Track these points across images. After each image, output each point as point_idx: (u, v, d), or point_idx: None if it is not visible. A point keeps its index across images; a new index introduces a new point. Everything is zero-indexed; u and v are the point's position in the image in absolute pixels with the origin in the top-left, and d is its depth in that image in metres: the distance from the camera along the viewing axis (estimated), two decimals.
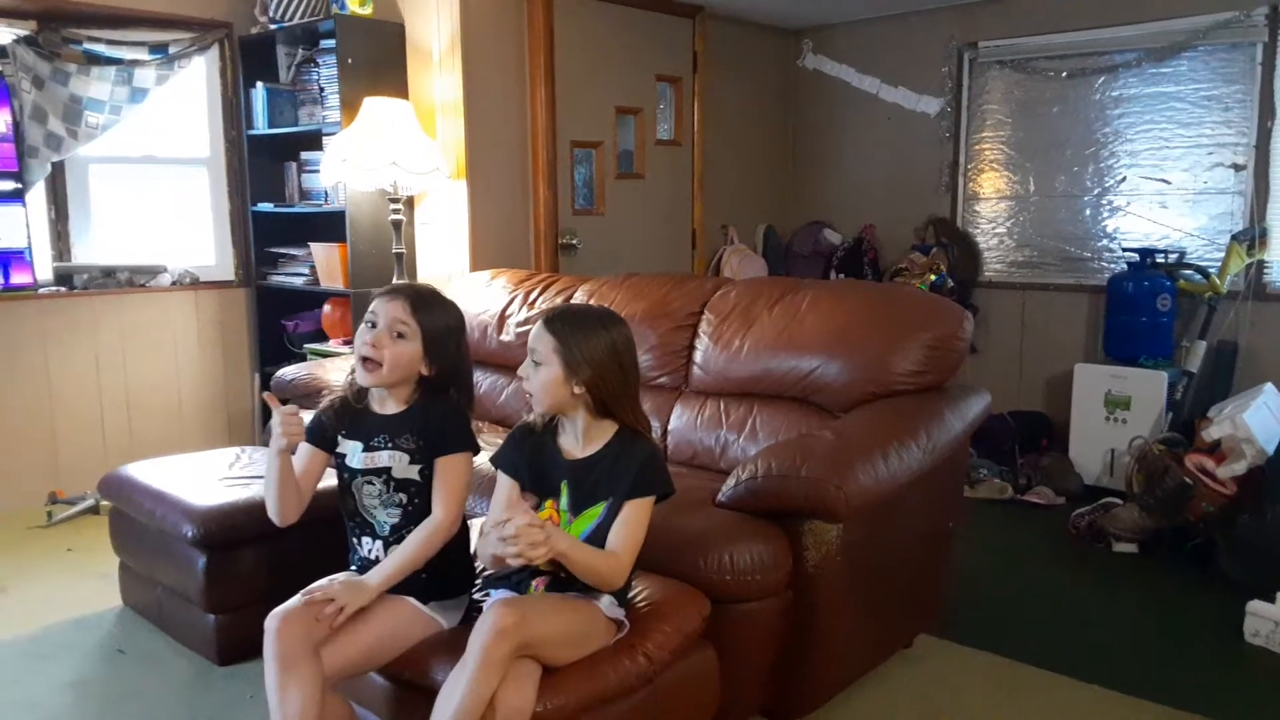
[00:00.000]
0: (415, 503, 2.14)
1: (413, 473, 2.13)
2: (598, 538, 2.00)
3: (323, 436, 2.22)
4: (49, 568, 3.61)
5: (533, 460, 2.09)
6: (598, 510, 2.02)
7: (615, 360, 2.02)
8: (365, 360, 2.11)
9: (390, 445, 2.14)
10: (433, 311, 2.15)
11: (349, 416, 2.20)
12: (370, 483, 2.15)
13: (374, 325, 2.11)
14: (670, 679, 2.07)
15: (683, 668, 2.11)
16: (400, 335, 2.10)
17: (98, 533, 3.61)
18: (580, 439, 2.06)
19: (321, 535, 2.43)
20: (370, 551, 2.18)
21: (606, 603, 2.00)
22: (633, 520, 1.99)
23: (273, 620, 1.96)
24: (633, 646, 1.99)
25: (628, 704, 1.97)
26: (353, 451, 2.17)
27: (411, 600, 2.11)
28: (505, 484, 2.10)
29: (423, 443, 2.13)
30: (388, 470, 2.14)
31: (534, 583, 2.04)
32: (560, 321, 2.04)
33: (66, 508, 4.14)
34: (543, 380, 2.01)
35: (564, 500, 2.04)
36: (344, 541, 2.29)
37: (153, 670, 2.83)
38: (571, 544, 1.92)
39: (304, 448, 2.21)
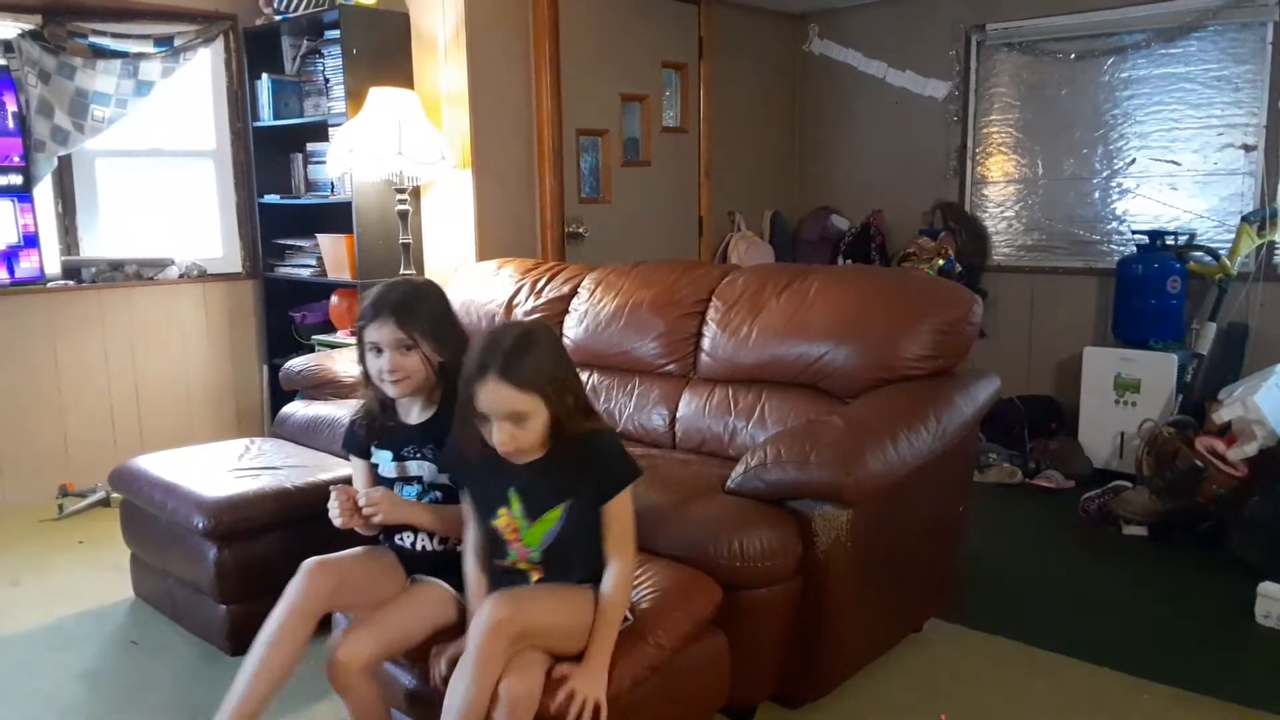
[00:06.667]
0: (449, 503, 2.18)
1: (444, 478, 2.18)
2: (561, 541, 1.93)
3: (363, 447, 2.26)
4: (61, 560, 3.63)
5: (476, 468, 1.97)
6: (556, 513, 1.93)
7: (567, 371, 1.94)
8: (392, 382, 2.16)
9: (418, 455, 2.19)
10: (416, 312, 2.15)
11: (379, 427, 2.24)
12: (404, 489, 2.21)
13: (380, 350, 2.14)
14: (681, 666, 2.07)
15: (693, 654, 2.11)
16: (407, 349, 2.14)
17: (109, 525, 3.62)
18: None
19: (332, 526, 2.43)
20: (408, 541, 2.22)
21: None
22: (621, 519, 1.94)
23: (310, 564, 2.06)
24: (643, 634, 1.99)
25: (638, 691, 1.96)
26: (384, 461, 2.22)
27: (443, 584, 2.15)
28: (467, 499, 2.04)
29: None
30: (419, 477, 2.19)
31: (532, 580, 2.00)
32: (525, 365, 1.84)
33: (77, 500, 4.16)
34: (538, 432, 1.88)
35: (516, 509, 1.94)
36: (353, 532, 2.30)
37: (165, 661, 2.84)
38: (607, 639, 1.89)
39: (356, 462, 2.28)
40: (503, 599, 1.84)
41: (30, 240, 4.20)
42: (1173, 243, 4.53)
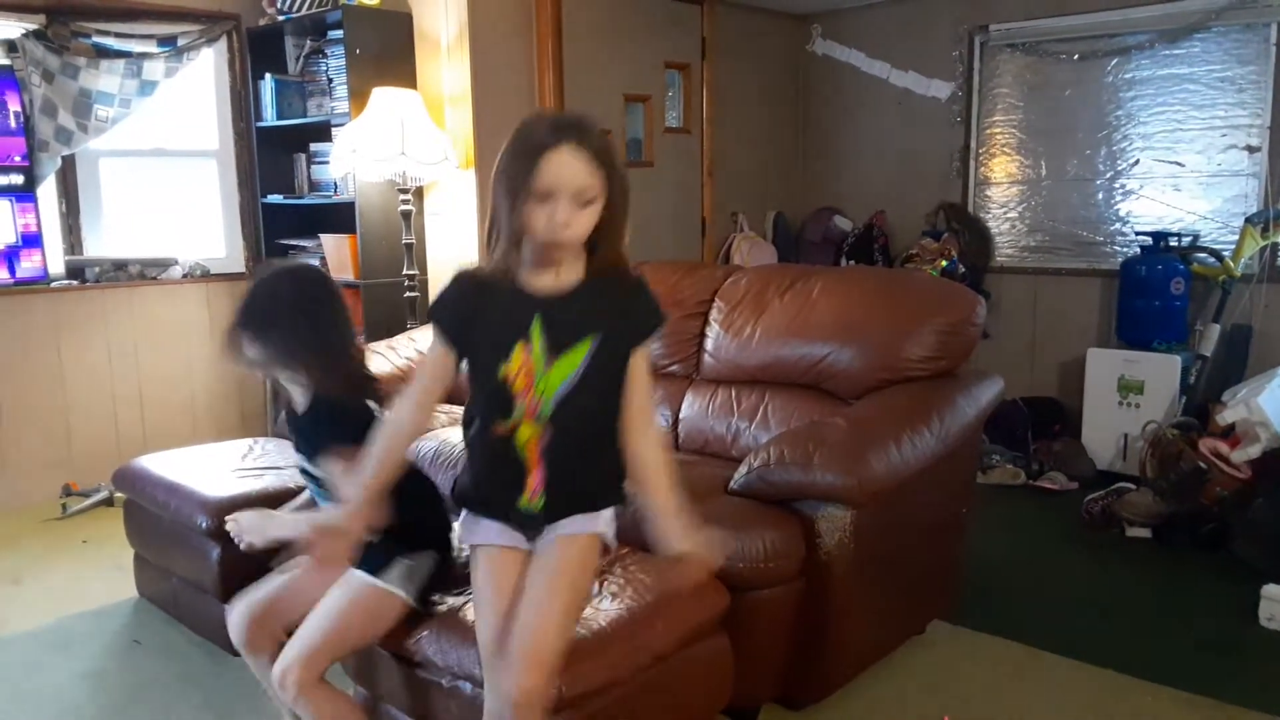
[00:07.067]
0: None
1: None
2: (588, 379, 1.72)
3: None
4: (64, 560, 3.64)
5: (487, 306, 1.72)
6: (583, 348, 1.71)
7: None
8: None
9: (304, 450, 2.11)
10: (245, 297, 2.07)
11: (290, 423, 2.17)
12: (313, 486, 2.17)
13: None
14: (683, 666, 2.07)
15: (696, 655, 2.11)
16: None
17: (112, 524, 3.63)
18: (559, 272, 1.72)
19: None
20: None
21: (606, 521, 1.84)
22: (646, 369, 1.79)
23: (231, 613, 2.13)
24: (648, 631, 1.98)
25: (639, 686, 1.96)
26: (299, 460, 2.17)
27: (360, 576, 2.00)
28: (438, 356, 1.75)
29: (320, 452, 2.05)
30: (307, 471, 2.14)
31: (528, 494, 1.77)
32: (598, 139, 1.65)
33: (81, 500, 4.17)
34: (588, 227, 1.65)
35: (538, 343, 1.70)
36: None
37: (168, 660, 2.85)
38: (670, 508, 1.75)
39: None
40: (522, 662, 1.67)
41: (33, 240, 4.20)
42: (1176, 244, 4.52)
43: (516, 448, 1.74)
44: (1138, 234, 4.71)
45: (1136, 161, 4.82)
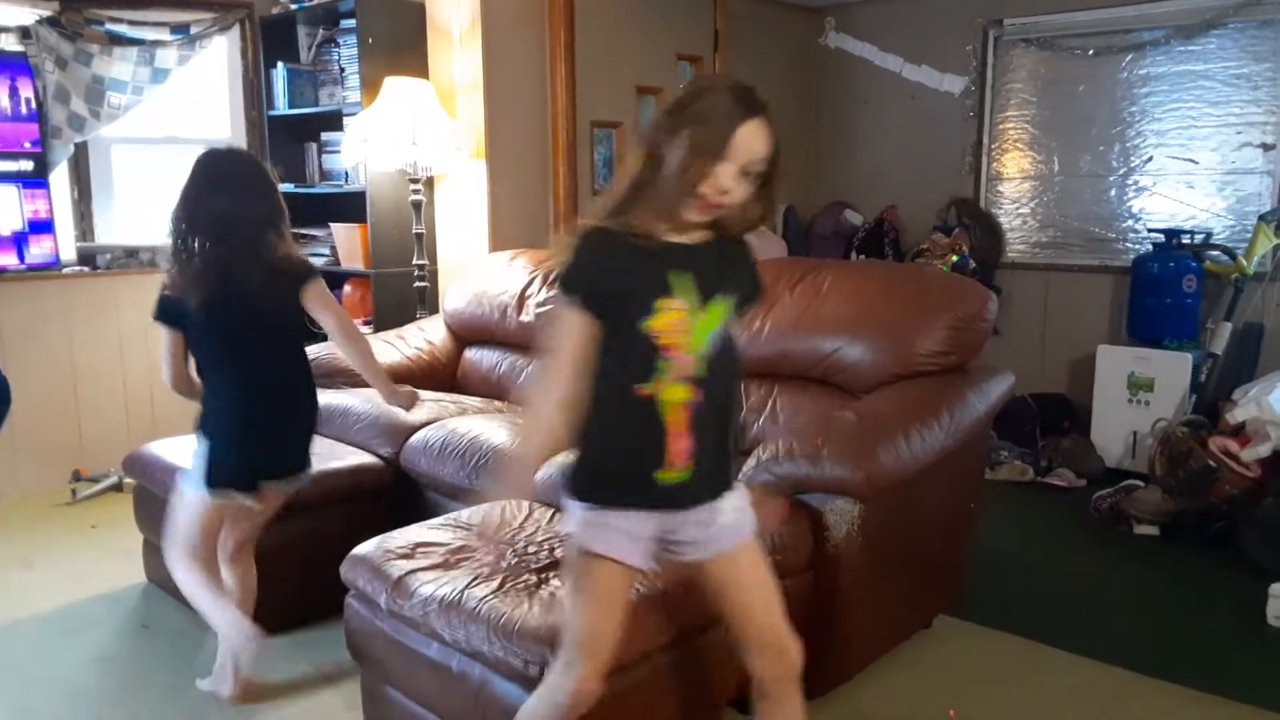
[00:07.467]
0: None
1: None
2: (726, 337, 1.65)
3: None
4: (74, 544, 3.66)
5: (622, 262, 1.60)
6: (722, 305, 1.64)
7: None
8: None
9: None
10: None
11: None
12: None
13: None
14: (691, 658, 2.07)
15: (704, 646, 2.11)
16: None
17: (122, 510, 3.65)
18: (685, 230, 1.65)
19: (344, 512, 2.44)
20: None
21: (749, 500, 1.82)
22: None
23: None
24: (656, 621, 1.99)
25: (647, 674, 1.97)
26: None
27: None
28: (582, 327, 1.62)
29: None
30: None
31: (671, 464, 1.63)
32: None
33: (90, 485, 4.19)
34: (746, 190, 1.62)
35: (685, 297, 1.60)
36: (366, 519, 2.32)
37: (177, 645, 2.86)
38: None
39: None
40: (785, 641, 1.76)
41: (45, 226, 4.22)
42: (1189, 241, 4.50)
43: (660, 410, 1.60)
44: (1150, 231, 4.69)
45: (1150, 158, 4.80)
